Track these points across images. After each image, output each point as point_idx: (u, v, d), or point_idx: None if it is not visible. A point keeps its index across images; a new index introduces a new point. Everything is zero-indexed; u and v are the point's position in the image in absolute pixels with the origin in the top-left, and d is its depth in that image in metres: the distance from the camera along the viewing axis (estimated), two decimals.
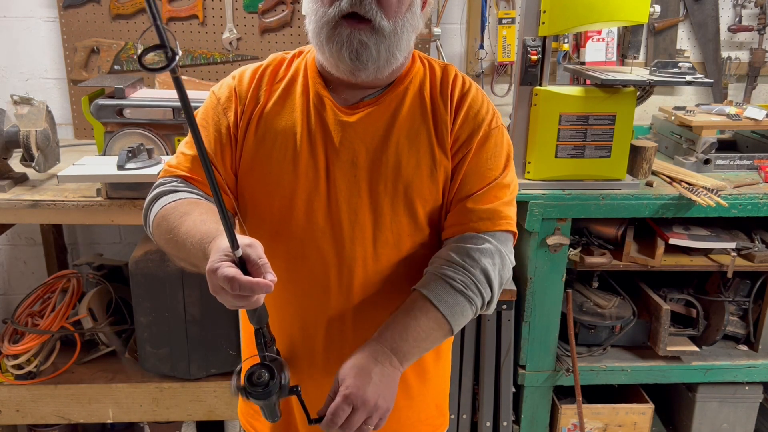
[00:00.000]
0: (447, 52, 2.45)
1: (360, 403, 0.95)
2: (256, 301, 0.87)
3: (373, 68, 1.03)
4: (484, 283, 1.06)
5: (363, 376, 0.97)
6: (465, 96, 1.11)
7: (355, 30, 0.99)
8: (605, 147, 1.92)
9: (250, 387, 0.93)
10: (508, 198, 1.13)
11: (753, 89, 2.55)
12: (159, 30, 0.68)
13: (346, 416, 0.95)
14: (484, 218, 1.09)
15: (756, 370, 2.15)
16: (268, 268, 0.86)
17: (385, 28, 1.00)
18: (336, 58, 1.02)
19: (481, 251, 1.07)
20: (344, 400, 0.95)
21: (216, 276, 0.84)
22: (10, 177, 1.91)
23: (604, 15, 1.78)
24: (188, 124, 0.78)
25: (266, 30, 2.38)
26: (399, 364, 1.02)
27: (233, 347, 2.04)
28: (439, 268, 1.06)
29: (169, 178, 1.12)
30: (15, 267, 2.60)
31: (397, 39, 1.02)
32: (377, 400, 0.97)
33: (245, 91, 1.12)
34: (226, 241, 0.85)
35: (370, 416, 0.97)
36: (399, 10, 1.01)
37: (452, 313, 1.04)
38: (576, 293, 2.19)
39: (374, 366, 0.99)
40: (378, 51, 1.01)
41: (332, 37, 1.00)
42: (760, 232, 2.12)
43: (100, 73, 2.38)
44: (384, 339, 1.02)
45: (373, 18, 0.99)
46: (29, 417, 2.06)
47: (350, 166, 1.08)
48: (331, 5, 0.99)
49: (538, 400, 2.16)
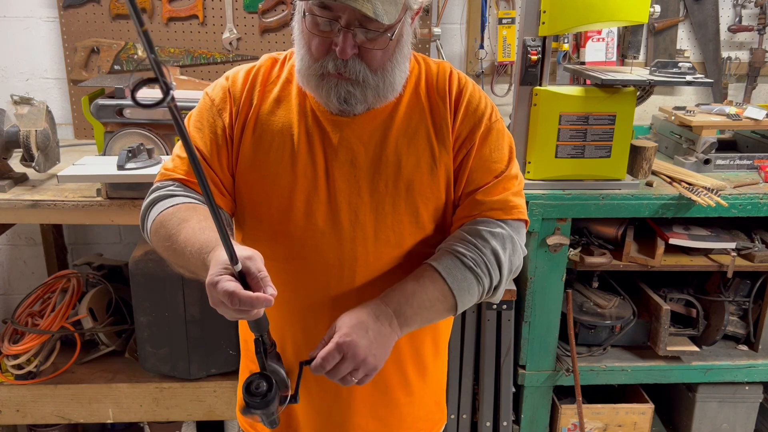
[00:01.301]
0: (447, 52, 2.45)
1: (350, 354, 0.96)
2: (255, 314, 0.87)
3: (363, 108, 1.05)
4: (494, 263, 1.07)
5: (359, 329, 0.97)
6: (462, 92, 1.12)
7: (341, 80, 1.00)
8: (605, 147, 1.92)
9: (248, 397, 0.93)
10: (517, 189, 1.13)
11: (753, 89, 2.55)
12: (152, 64, 0.66)
13: (334, 363, 0.96)
14: (496, 208, 1.10)
15: (756, 370, 2.15)
16: (268, 282, 0.86)
17: (370, 81, 1.01)
18: (325, 101, 1.04)
19: (494, 234, 1.07)
20: (336, 347, 0.96)
21: (216, 290, 0.84)
22: (10, 177, 1.91)
23: (604, 15, 1.78)
24: (188, 154, 0.77)
25: (266, 30, 2.38)
26: (398, 328, 1.02)
27: (233, 347, 2.04)
28: (451, 245, 1.07)
29: (165, 182, 1.11)
30: (15, 267, 2.60)
31: (387, 84, 1.03)
32: (367, 356, 0.97)
33: (239, 92, 1.12)
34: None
35: (356, 369, 0.97)
36: (386, 56, 1.01)
37: (459, 288, 1.05)
38: (576, 293, 2.19)
39: (373, 323, 0.99)
40: (365, 96, 1.03)
41: (320, 86, 1.02)
42: (760, 232, 2.12)
43: (100, 73, 2.38)
44: (389, 300, 1.03)
45: (358, 77, 1.00)
46: (29, 417, 2.06)
47: (349, 166, 1.08)
48: (317, 60, 1.00)
49: (538, 400, 2.16)
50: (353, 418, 1.19)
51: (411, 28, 1.06)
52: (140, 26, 0.64)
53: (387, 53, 1.01)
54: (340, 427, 1.20)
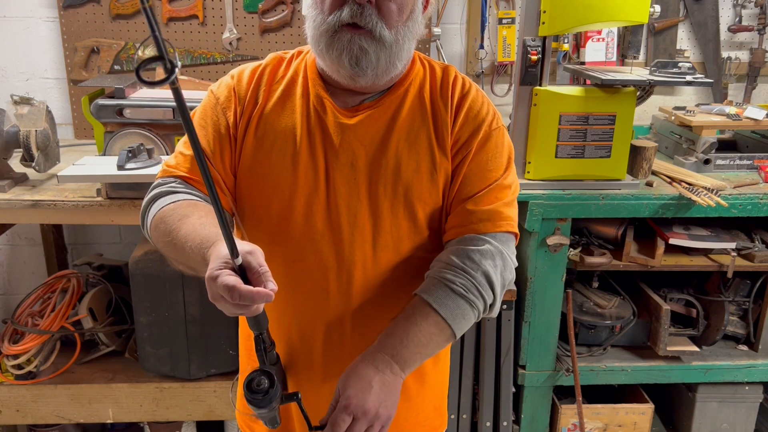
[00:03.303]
0: (447, 52, 2.45)
1: (360, 414, 0.95)
2: (255, 309, 0.86)
3: (372, 75, 1.03)
4: (486, 285, 1.06)
5: (363, 385, 0.97)
6: (465, 97, 1.11)
7: (356, 35, 0.99)
8: (605, 147, 1.92)
9: (250, 394, 0.92)
10: (509, 199, 1.12)
11: (753, 89, 2.55)
12: (158, 41, 0.65)
13: (346, 426, 0.95)
14: (485, 219, 1.08)
15: (756, 370, 2.15)
16: (268, 276, 0.85)
17: (386, 38, 1.00)
18: (336, 64, 1.02)
19: (482, 253, 1.06)
20: (344, 410, 0.95)
21: (216, 284, 0.83)
22: (10, 177, 1.91)
23: (604, 15, 1.78)
24: (190, 139, 0.75)
25: (266, 30, 2.38)
26: (400, 371, 1.01)
27: (233, 347, 2.05)
28: (440, 272, 1.05)
29: (167, 179, 1.11)
30: (15, 267, 2.60)
31: (398, 48, 1.02)
32: (378, 409, 0.97)
33: (244, 90, 1.11)
34: (227, 248, 0.84)
35: (371, 425, 0.97)
36: (400, 18, 1.01)
37: (453, 317, 1.04)
38: (576, 293, 2.19)
39: (375, 374, 0.98)
40: (378, 59, 1.01)
41: (332, 44, 1.00)
42: (760, 232, 2.12)
43: (100, 73, 2.38)
44: (384, 346, 1.02)
45: (374, 28, 0.98)
46: (29, 417, 2.06)
47: (350, 169, 1.07)
48: (330, 13, 0.99)
49: (538, 400, 2.16)
50: None
51: (422, 15, 1.06)
52: (146, 1, 0.63)
53: (402, 13, 1.00)
54: None
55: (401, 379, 1.02)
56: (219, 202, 0.81)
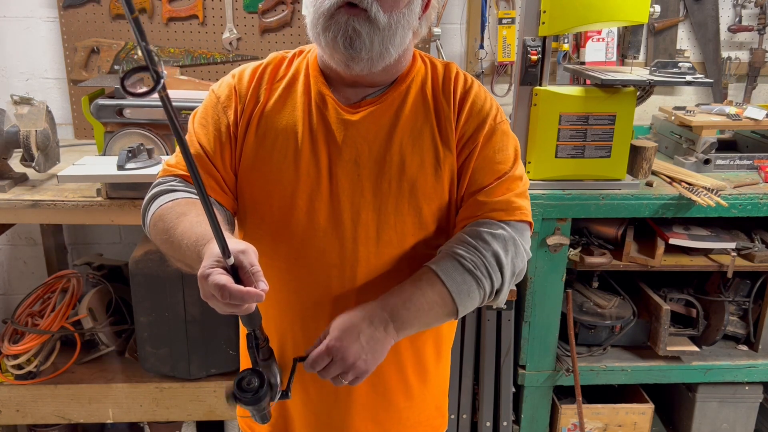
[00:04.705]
0: (447, 52, 2.45)
1: (339, 358, 0.98)
2: (246, 308, 0.87)
3: (366, 58, 1.02)
4: (495, 266, 1.06)
5: (351, 334, 0.99)
6: (468, 92, 1.11)
7: (352, 16, 0.99)
8: (605, 147, 1.92)
9: (240, 393, 0.93)
10: (521, 190, 1.12)
11: (753, 89, 2.55)
12: (143, 51, 0.66)
13: (324, 365, 0.98)
14: (498, 209, 1.09)
15: (756, 370, 2.15)
16: (260, 276, 0.86)
17: (380, 20, 0.99)
18: (331, 47, 1.02)
19: (495, 236, 1.06)
20: (326, 350, 0.98)
21: (207, 283, 0.84)
22: (10, 177, 1.91)
23: (604, 15, 1.78)
24: (178, 142, 0.76)
25: (266, 30, 2.38)
26: (394, 332, 1.02)
27: (233, 347, 2.04)
28: (451, 247, 1.06)
29: (167, 178, 1.12)
30: (15, 267, 2.60)
31: (392, 33, 1.02)
32: (356, 361, 0.98)
33: (245, 89, 1.11)
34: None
35: (346, 372, 0.99)
36: (396, 4, 1.01)
37: (458, 291, 1.04)
38: (576, 293, 2.19)
39: (366, 327, 1.00)
40: (371, 41, 1.00)
41: (329, 26, 1.00)
42: (760, 232, 2.12)
43: (100, 73, 2.38)
44: (386, 303, 1.03)
45: (369, 8, 0.98)
46: (29, 417, 2.06)
47: (353, 165, 1.07)
48: None
49: (538, 400, 2.16)
50: (352, 421, 1.19)
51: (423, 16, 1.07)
52: (131, 13, 0.63)
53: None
54: (339, 430, 1.19)
55: (392, 340, 1.02)
56: (209, 202, 0.81)
